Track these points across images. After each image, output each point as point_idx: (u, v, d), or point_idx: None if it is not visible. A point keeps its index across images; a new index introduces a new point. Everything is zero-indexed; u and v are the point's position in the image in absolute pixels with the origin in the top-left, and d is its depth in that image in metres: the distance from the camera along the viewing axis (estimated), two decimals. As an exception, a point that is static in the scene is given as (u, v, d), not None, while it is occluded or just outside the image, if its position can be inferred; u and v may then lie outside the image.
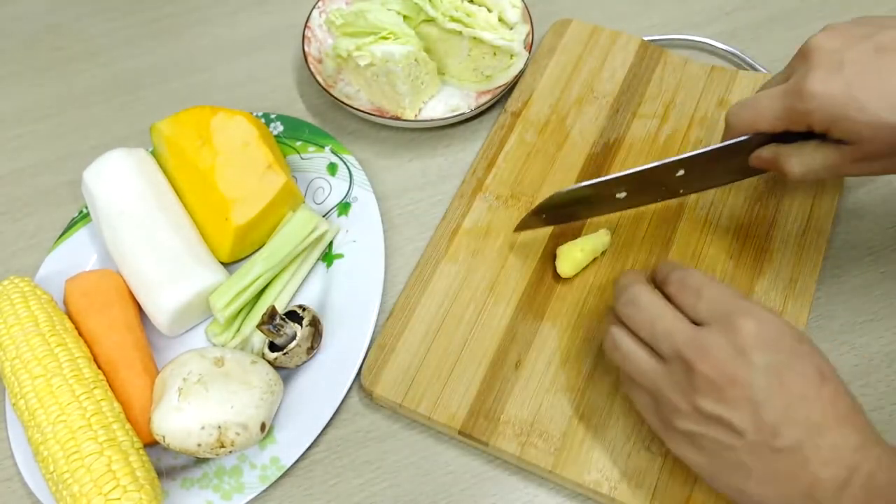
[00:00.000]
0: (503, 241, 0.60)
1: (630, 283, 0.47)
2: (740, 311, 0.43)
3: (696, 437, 0.43)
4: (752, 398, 0.41)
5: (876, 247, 0.60)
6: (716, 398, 0.42)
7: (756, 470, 0.42)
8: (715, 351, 0.42)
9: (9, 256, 0.64)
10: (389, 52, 0.62)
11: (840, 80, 0.44)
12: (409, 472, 0.53)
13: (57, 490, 0.48)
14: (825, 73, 0.45)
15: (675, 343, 0.43)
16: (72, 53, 0.75)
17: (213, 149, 0.59)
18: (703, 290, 0.45)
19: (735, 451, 0.42)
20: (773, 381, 0.41)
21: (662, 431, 0.46)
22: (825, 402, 0.41)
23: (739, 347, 0.42)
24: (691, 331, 0.43)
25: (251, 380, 0.51)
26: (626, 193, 0.54)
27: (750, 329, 0.42)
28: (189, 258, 0.57)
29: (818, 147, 0.47)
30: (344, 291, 0.58)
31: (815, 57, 0.46)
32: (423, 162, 0.66)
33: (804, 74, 0.46)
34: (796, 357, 0.42)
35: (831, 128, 0.45)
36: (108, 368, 0.54)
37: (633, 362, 0.46)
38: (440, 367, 0.55)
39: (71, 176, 0.67)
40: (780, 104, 0.47)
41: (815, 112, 0.45)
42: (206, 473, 0.53)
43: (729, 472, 0.43)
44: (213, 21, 0.76)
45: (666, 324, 0.44)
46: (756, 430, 0.41)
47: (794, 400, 0.41)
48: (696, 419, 0.43)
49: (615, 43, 0.68)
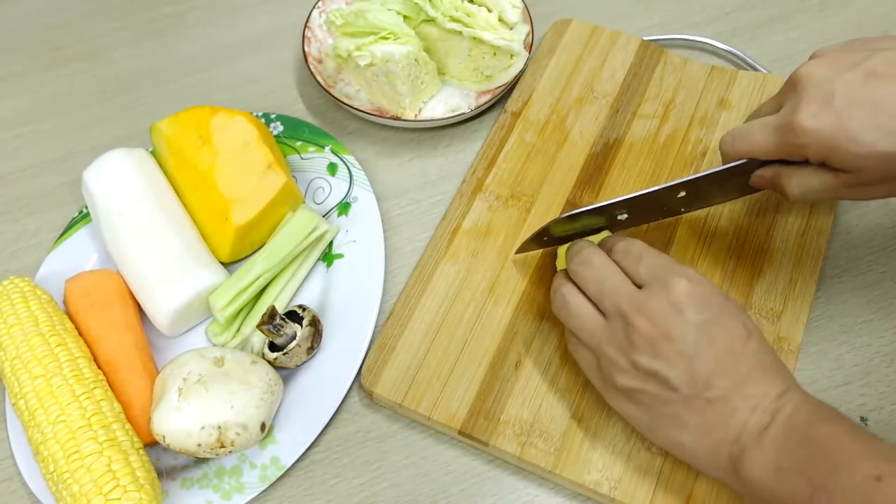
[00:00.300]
0: (503, 241, 0.60)
1: (585, 247, 0.51)
2: (675, 272, 0.47)
3: (634, 392, 0.47)
4: (685, 353, 0.44)
5: (876, 247, 0.60)
6: (652, 354, 0.45)
7: (690, 421, 0.45)
8: (652, 308, 0.46)
9: (9, 256, 0.64)
10: (389, 52, 0.62)
11: (831, 113, 0.44)
12: (409, 472, 0.54)
13: (57, 490, 0.48)
14: (816, 106, 0.45)
15: (618, 300, 0.47)
16: (72, 53, 0.75)
17: (213, 149, 0.59)
18: (644, 256, 0.49)
19: (671, 405, 0.45)
20: (703, 337, 0.45)
21: (604, 389, 0.49)
22: (751, 355, 0.45)
23: (674, 305, 0.45)
24: (633, 290, 0.47)
25: (251, 380, 0.51)
26: (627, 215, 0.54)
27: (683, 288, 0.46)
28: (189, 258, 0.56)
29: (816, 171, 0.47)
30: (344, 291, 0.58)
31: (804, 88, 0.46)
32: (423, 162, 0.66)
33: (795, 107, 0.46)
34: (724, 314, 0.46)
35: (826, 159, 0.46)
36: (108, 368, 0.54)
37: (578, 317, 0.49)
38: (440, 367, 0.55)
39: (71, 176, 0.67)
40: (773, 138, 0.47)
41: (809, 146, 0.45)
42: (206, 473, 0.53)
43: (666, 425, 0.46)
44: (213, 21, 0.76)
45: (613, 283, 0.48)
46: (689, 383, 0.44)
47: (723, 354, 0.45)
48: (635, 375, 0.46)
49: (615, 43, 0.68)
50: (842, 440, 0.41)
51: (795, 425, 0.43)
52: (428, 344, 0.56)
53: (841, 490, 0.40)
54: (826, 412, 0.44)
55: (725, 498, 0.49)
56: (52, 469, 0.48)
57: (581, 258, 0.50)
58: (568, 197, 0.61)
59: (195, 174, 0.59)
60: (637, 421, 0.48)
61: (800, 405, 0.44)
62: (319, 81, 0.66)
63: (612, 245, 0.51)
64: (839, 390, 0.54)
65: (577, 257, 0.51)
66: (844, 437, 0.42)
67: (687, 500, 0.50)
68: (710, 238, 0.59)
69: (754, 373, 0.45)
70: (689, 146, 0.63)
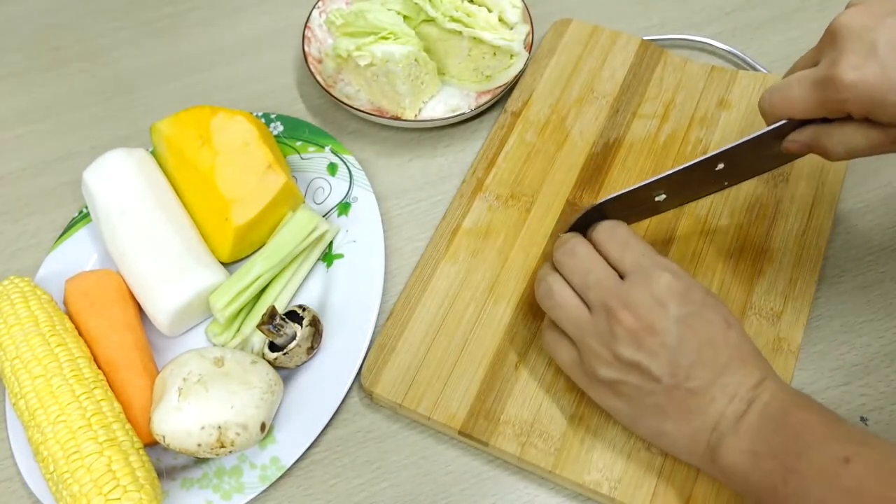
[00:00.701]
0: (503, 241, 0.60)
1: (571, 237, 0.51)
2: (658, 265, 0.47)
3: (616, 384, 0.47)
4: (667, 345, 0.45)
5: (876, 247, 0.60)
6: (635, 346, 0.45)
7: (671, 411, 0.46)
8: (636, 302, 0.46)
9: (9, 256, 0.64)
10: (389, 52, 0.62)
11: (874, 64, 0.41)
12: (409, 472, 0.53)
13: (57, 490, 0.48)
14: (857, 58, 0.42)
15: (602, 293, 0.47)
16: (72, 53, 0.75)
17: (213, 149, 0.59)
18: (629, 242, 0.49)
19: (653, 395, 0.46)
20: (685, 329, 0.45)
21: (585, 383, 0.50)
22: (730, 345, 0.46)
23: (657, 299, 0.46)
24: (617, 283, 0.47)
25: (251, 380, 0.51)
26: (665, 196, 0.53)
27: (666, 281, 0.46)
28: (189, 258, 0.56)
29: (860, 127, 0.44)
30: (344, 291, 0.58)
31: (843, 39, 0.43)
32: (423, 162, 0.66)
33: (835, 60, 0.43)
34: (705, 307, 0.47)
35: (871, 114, 0.43)
36: (108, 368, 0.54)
37: (563, 308, 0.49)
38: (440, 367, 0.55)
39: (71, 176, 0.67)
40: (813, 94, 0.44)
41: (851, 101, 0.42)
42: (206, 473, 0.53)
43: (648, 415, 0.47)
44: (213, 21, 0.76)
45: (598, 274, 0.48)
46: (671, 374, 0.45)
47: (704, 344, 0.46)
48: (617, 367, 0.46)
49: (615, 43, 0.68)
50: (813, 425, 0.43)
51: (770, 412, 0.44)
52: (428, 344, 0.56)
53: (811, 471, 0.41)
54: (800, 399, 0.45)
55: (725, 498, 0.49)
56: (52, 469, 0.48)
57: (566, 248, 0.50)
58: (568, 197, 0.61)
59: (195, 174, 0.59)
60: (619, 412, 0.49)
61: (775, 393, 0.45)
62: (319, 81, 0.66)
63: (597, 226, 0.51)
64: (839, 390, 0.54)
65: (563, 247, 0.51)
66: (816, 422, 0.43)
67: (687, 500, 0.50)
68: (710, 237, 0.59)
69: (733, 362, 0.46)
70: (690, 146, 0.63)
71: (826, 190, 0.60)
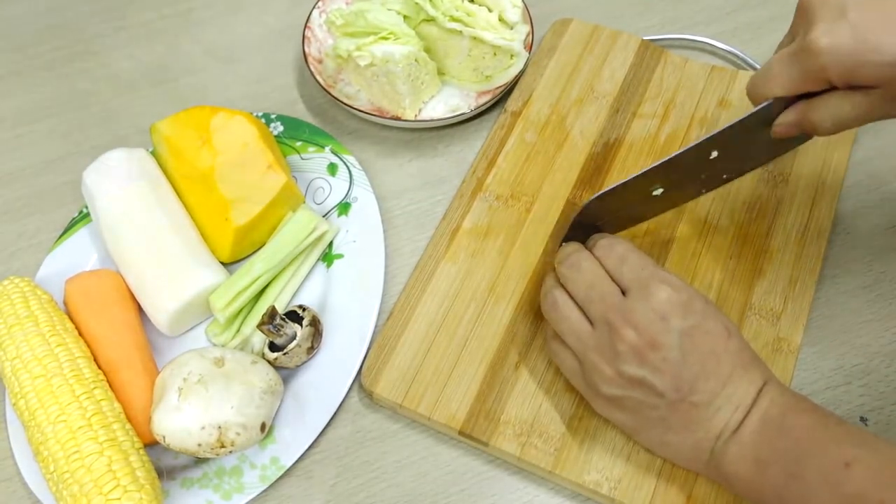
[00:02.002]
0: (503, 241, 0.60)
1: (575, 251, 0.51)
2: (657, 278, 0.47)
3: (620, 399, 0.47)
4: (670, 359, 0.45)
5: (876, 247, 0.60)
6: (638, 362, 0.45)
7: (675, 423, 0.46)
8: (637, 317, 0.46)
9: (9, 256, 0.64)
10: (389, 52, 0.62)
11: (845, 27, 0.42)
12: (408, 473, 0.53)
13: (57, 490, 0.48)
14: (828, 24, 0.42)
15: (605, 308, 0.47)
16: (72, 53, 0.75)
17: (213, 149, 0.59)
18: (628, 257, 0.49)
19: (657, 409, 0.46)
20: (688, 342, 0.45)
21: (590, 395, 0.50)
22: (732, 354, 0.46)
23: (658, 313, 0.46)
24: (620, 299, 0.47)
25: (251, 380, 0.51)
26: (661, 189, 0.53)
27: (666, 295, 0.46)
28: (189, 258, 0.56)
29: (845, 95, 0.44)
30: (344, 291, 0.58)
31: (813, 9, 0.43)
32: (423, 162, 0.66)
33: (808, 30, 0.43)
34: (706, 318, 0.46)
35: (851, 78, 0.43)
36: (108, 368, 0.54)
37: (567, 322, 0.49)
38: (440, 367, 0.55)
39: (71, 176, 0.67)
40: (793, 68, 0.45)
41: (830, 67, 0.42)
42: (206, 473, 0.53)
43: (651, 427, 0.48)
44: (213, 21, 0.76)
45: (601, 289, 0.48)
46: (675, 388, 0.45)
47: (707, 356, 0.46)
48: (620, 384, 0.47)
49: (615, 43, 0.68)
50: (814, 429, 0.43)
51: (771, 418, 0.45)
52: (428, 344, 0.56)
53: (812, 477, 0.41)
54: (799, 403, 0.45)
55: (725, 498, 0.49)
56: (52, 469, 0.48)
57: (570, 262, 0.50)
58: (568, 197, 0.61)
59: (195, 174, 0.59)
60: (622, 424, 0.49)
61: (775, 398, 0.45)
62: (319, 81, 0.66)
63: (596, 241, 0.51)
64: (839, 390, 0.54)
65: (567, 260, 0.51)
66: (816, 426, 0.43)
67: (687, 500, 0.50)
68: (710, 237, 0.59)
69: (736, 371, 0.46)
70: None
71: (826, 190, 0.60)
